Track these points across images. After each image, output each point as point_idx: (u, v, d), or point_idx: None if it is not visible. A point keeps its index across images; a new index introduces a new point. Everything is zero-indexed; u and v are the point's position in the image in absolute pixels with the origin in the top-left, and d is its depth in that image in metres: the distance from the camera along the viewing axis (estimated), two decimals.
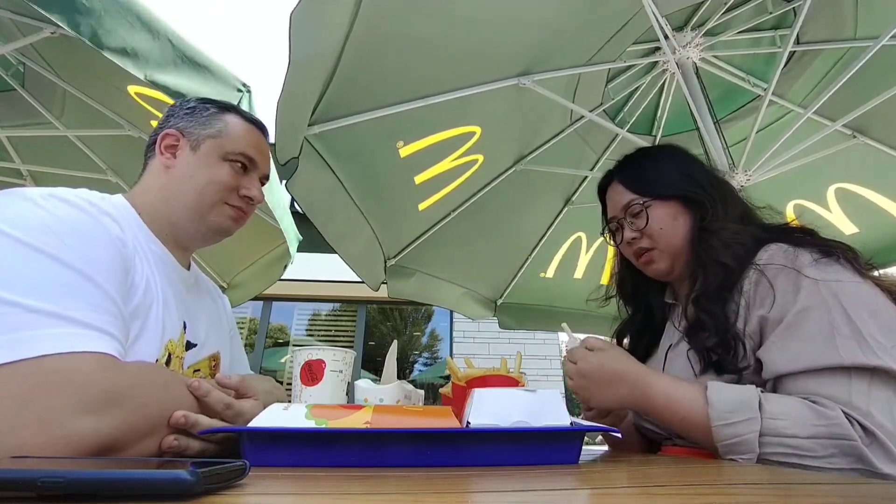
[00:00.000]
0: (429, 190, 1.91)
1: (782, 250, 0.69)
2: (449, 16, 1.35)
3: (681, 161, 0.86)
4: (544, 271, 2.56)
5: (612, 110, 2.22)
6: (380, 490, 0.33)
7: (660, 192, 0.81)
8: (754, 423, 0.58)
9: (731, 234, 0.75)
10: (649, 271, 0.85)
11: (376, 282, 2.08)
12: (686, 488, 0.37)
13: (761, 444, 0.57)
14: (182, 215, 0.72)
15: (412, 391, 0.73)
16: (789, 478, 0.42)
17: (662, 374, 0.74)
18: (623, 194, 0.85)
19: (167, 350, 0.65)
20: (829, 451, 0.55)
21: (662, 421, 0.68)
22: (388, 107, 1.54)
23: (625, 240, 0.85)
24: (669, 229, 0.80)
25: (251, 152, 0.77)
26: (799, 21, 1.57)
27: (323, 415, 0.48)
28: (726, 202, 0.80)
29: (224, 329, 0.87)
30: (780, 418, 0.58)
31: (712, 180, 0.83)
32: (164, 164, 0.75)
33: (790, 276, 0.65)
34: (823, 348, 0.59)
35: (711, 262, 0.74)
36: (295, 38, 1.04)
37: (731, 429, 0.59)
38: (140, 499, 0.25)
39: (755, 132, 1.71)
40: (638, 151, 0.92)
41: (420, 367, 6.05)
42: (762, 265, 0.69)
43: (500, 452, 0.47)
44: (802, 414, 0.58)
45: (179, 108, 0.79)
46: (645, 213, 0.81)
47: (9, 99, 1.99)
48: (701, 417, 0.62)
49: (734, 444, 0.59)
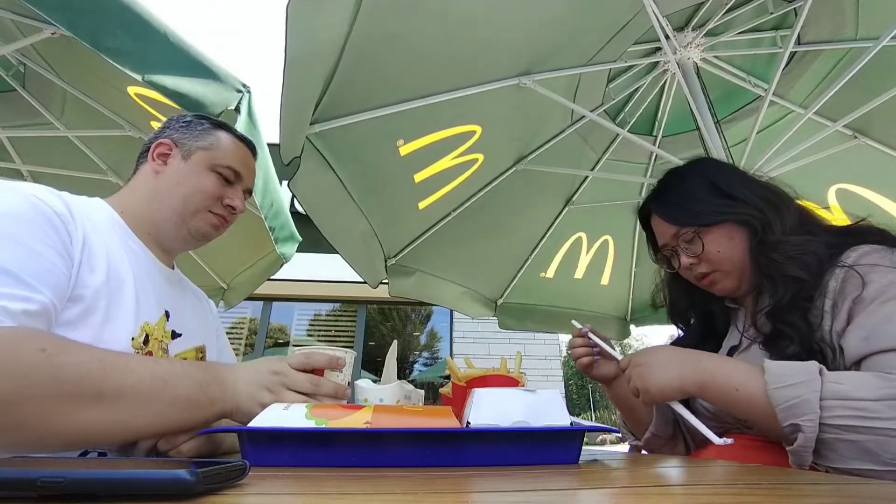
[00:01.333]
0: (429, 188, 1.91)
1: (876, 250, 0.67)
2: (450, 15, 1.35)
3: (718, 179, 0.82)
4: (545, 271, 2.56)
5: (613, 110, 2.22)
6: (380, 490, 0.33)
7: (707, 222, 0.79)
8: (814, 383, 0.56)
9: (793, 248, 0.72)
10: (715, 290, 0.83)
11: (376, 280, 2.08)
12: (686, 488, 0.37)
13: (823, 408, 0.54)
14: (166, 218, 0.77)
15: (412, 391, 0.73)
16: (789, 478, 0.42)
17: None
18: (670, 227, 0.83)
19: (143, 331, 0.68)
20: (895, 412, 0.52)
21: (718, 396, 0.65)
22: (388, 106, 1.54)
23: (682, 266, 0.83)
24: (727, 251, 0.78)
25: (238, 166, 0.83)
26: (800, 21, 1.57)
27: (323, 415, 0.48)
28: (779, 211, 0.76)
29: (210, 328, 0.90)
30: (842, 382, 0.56)
31: (756, 191, 0.80)
32: (155, 169, 0.79)
33: (883, 272, 0.63)
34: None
35: (780, 276, 0.72)
36: (292, 33, 1.04)
37: (790, 391, 0.56)
38: (140, 499, 0.25)
39: (756, 132, 1.70)
40: (671, 177, 0.89)
41: (420, 367, 6.05)
42: (851, 263, 0.66)
43: (500, 452, 0.47)
44: (867, 380, 0.55)
45: (176, 120, 0.85)
46: (699, 239, 0.79)
47: (9, 99, 2.00)
48: (757, 386, 0.60)
49: (792, 405, 0.55)
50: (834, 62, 1.84)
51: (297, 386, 0.58)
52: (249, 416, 0.52)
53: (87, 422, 0.47)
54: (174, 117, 0.86)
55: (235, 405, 0.57)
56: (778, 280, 0.72)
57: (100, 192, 0.77)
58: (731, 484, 0.38)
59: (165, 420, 0.52)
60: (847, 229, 0.77)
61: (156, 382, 0.51)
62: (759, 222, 0.75)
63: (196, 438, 0.57)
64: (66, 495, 0.24)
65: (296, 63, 1.11)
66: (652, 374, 0.70)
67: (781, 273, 0.72)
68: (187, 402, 0.53)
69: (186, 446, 0.56)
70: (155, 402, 0.51)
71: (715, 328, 0.89)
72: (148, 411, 0.50)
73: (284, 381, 0.58)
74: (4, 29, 1.67)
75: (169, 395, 0.52)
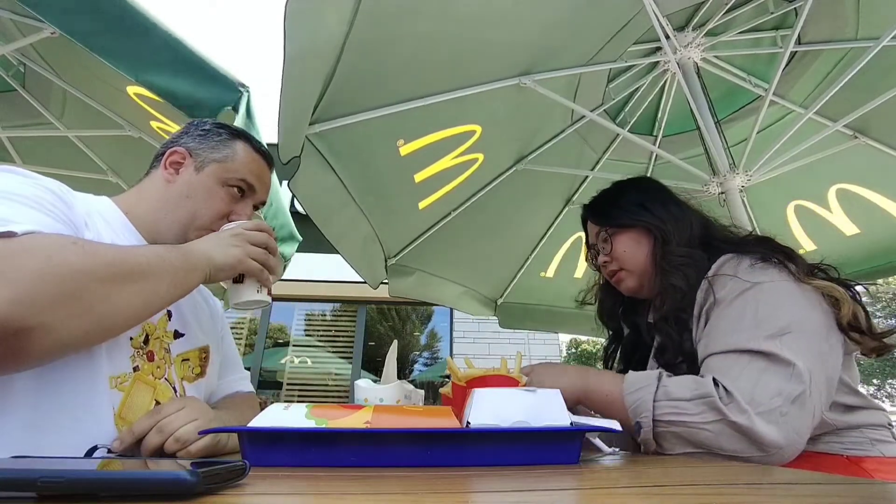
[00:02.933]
0: (429, 188, 1.91)
1: (728, 259, 0.79)
2: (450, 15, 1.35)
3: (643, 193, 0.97)
4: (545, 271, 2.56)
5: (613, 110, 2.22)
6: (380, 490, 0.33)
7: (620, 223, 0.94)
8: (651, 388, 0.69)
9: (678, 258, 0.84)
10: (621, 288, 0.96)
11: (377, 280, 2.08)
12: (686, 488, 0.37)
13: (655, 407, 0.67)
14: (170, 229, 0.76)
15: (412, 391, 0.73)
16: (789, 478, 0.42)
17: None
18: (593, 227, 0.99)
19: (145, 330, 0.68)
20: (700, 408, 0.65)
21: (596, 401, 0.76)
22: (388, 106, 1.54)
23: (599, 262, 0.98)
24: (632, 252, 0.92)
25: (251, 179, 0.81)
26: (800, 21, 1.57)
27: (323, 415, 0.48)
28: (680, 226, 0.89)
29: (216, 328, 0.90)
30: (670, 386, 0.69)
31: (669, 209, 0.92)
32: (166, 178, 0.78)
33: (727, 281, 0.75)
34: (729, 334, 0.70)
35: (666, 285, 0.83)
36: (290, 32, 1.03)
37: (636, 394, 0.70)
38: (140, 499, 0.25)
39: (756, 132, 1.70)
40: (610, 187, 1.03)
41: (420, 367, 6.05)
42: (711, 276, 0.78)
43: (500, 452, 0.47)
44: (686, 382, 0.69)
45: (195, 127, 0.83)
46: (610, 240, 0.95)
47: (9, 99, 2.00)
48: (618, 393, 0.73)
49: (636, 406, 0.69)
50: (834, 62, 1.84)
51: (255, 238, 0.72)
52: (225, 268, 0.68)
53: (130, 298, 0.54)
54: (193, 122, 0.85)
55: (212, 263, 0.66)
56: (666, 289, 0.83)
57: (100, 191, 0.77)
58: (731, 484, 0.38)
59: (177, 287, 0.61)
60: (739, 240, 0.89)
61: (155, 259, 0.59)
62: (661, 233, 0.88)
63: (203, 438, 0.57)
64: (66, 495, 0.24)
65: (294, 62, 1.10)
66: (548, 379, 0.78)
67: (668, 282, 0.83)
68: (182, 269, 0.62)
69: (195, 446, 0.57)
70: (164, 273, 0.59)
71: (642, 340, 0.98)
72: (163, 281, 0.59)
73: (245, 235, 0.71)
74: (4, 29, 1.67)
75: (170, 266, 0.60)
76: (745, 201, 1.78)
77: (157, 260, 0.59)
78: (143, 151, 1.99)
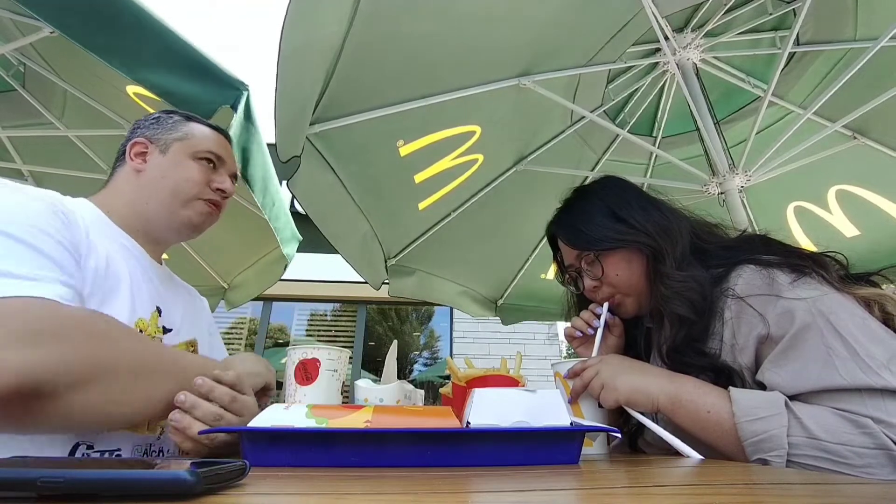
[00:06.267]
0: (429, 189, 1.91)
1: (758, 274, 0.68)
2: (449, 15, 1.35)
3: (615, 204, 0.83)
4: (545, 272, 2.56)
5: (613, 111, 2.22)
6: (380, 490, 0.33)
7: (604, 247, 0.81)
8: (781, 417, 0.56)
9: (679, 284, 0.73)
10: (620, 313, 0.85)
11: (378, 281, 2.08)
12: (686, 488, 0.37)
13: (791, 445, 0.54)
14: (156, 212, 0.77)
15: (412, 391, 0.73)
16: (789, 478, 0.42)
17: None
18: (571, 250, 0.86)
19: (137, 327, 0.69)
20: (866, 460, 0.53)
21: (687, 415, 0.64)
22: (388, 106, 1.54)
23: (587, 288, 0.85)
24: (626, 275, 0.81)
25: (218, 150, 0.83)
26: (799, 22, 1.57)
27: (323, 414, 0.48)
28: (671, 238, 0.78)
29: (202, 324, 0.90)
30: (805, 419, 0.55)
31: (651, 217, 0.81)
32: (136, 168, 0.79)
33: (775, 302, 0.64)
34: (822, 370, 0.57)
35: (669, 314, 0.73)
36: (287, 30, 1.02)
37: (758, 424, 0.56)
38: (140, 499, 0.25)
39: (755, 133, 1.71)
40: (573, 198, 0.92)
41: (420, 367, 6.05)
42: (742, 294, 0.67)
43: (500, 452, 0.47)
44: (831, 420, 0.55)
45: (145, 119, 0.85)
46: (598, 262, 0.82)
47: (9, 99, 1.99)
48: (728, 412, 0.59)
49: (761, 440, 0.56)
50: (833, 62, 1.84)
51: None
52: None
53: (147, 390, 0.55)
54: (142, 118, 0.86)
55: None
56: (669, 317, 0.73)
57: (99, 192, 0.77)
58: (731, 484, 0.38)
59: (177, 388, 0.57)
60: (733, 243, 0.80)
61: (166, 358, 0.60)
62: (651, 251, 0.77)
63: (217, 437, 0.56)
64: (66, 495, 0.24)
65: (290, 59, 1.09)
66: (623, 374, 0.69)
67: (671, 310, 0.73)
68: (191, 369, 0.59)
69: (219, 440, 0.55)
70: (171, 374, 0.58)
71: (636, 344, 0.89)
72: (168, 382, 0.57)
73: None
74: (4, 28, 1.67)
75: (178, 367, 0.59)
76: (745, 202, 1.78)
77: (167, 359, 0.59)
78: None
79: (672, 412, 0.65)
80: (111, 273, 0.65)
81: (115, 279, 0.66)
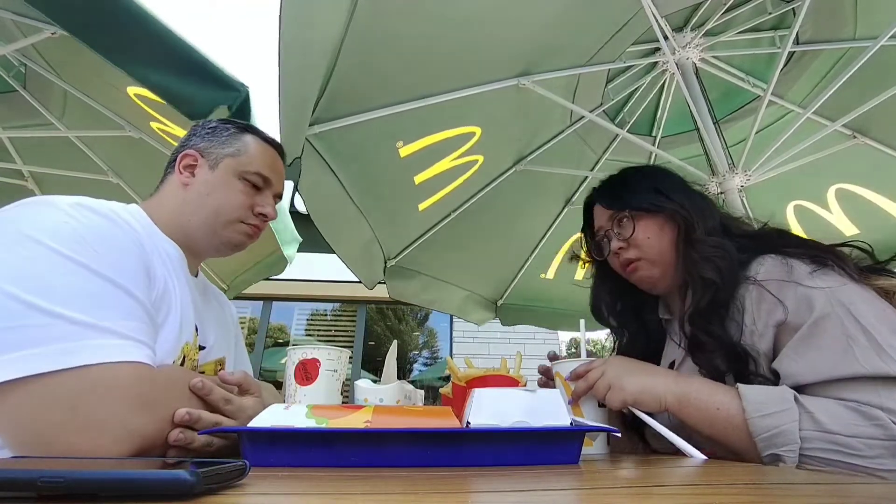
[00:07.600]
0: (429, 190, 1.91)
1: (775, 263, 0.69)
2: (448, 15, 1.35)
3: (658, 181, 0.88)
4: (545, 272, 2.56)
5: (612, 111, 2.22)
6: (380, 490, 0.33)
7: (641, 207, 0.83)
8: (792, 412, 0.56)
9: (710, 248, 0.75)
10: (635, 278, 0.85)
11: (373, 281, 2.08)
12: (686, 488, 0.37)
13: (803, 439, 0.55)
14: (197, 230, 0.76)
15: (412, 391, 0.73)
16: (791, 478, 0.42)
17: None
18: (606, 210, 0.88)
19: (183, 352, 0.67)
20: (877, 451, 0.53)
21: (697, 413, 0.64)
22: (387, 107, 1.54)
23: (612, 250, 0.85)
24: (656, 239, 0.82)
25: (266, 171, 0.81)
26: (798, 21, 1.57)
27: (323, 414, 0.48)
28: (704, 215, 0.81)
29: (230, 335, 0.89)
30: (817, 413, 0.55)
31: (689, 196, 0.85)
32: (183, 181, 0.77)
33: (794, 289, 0.65)
34: (842, 358, 0.58)
35: (697, 278, 0.74)
36: (286, 29, 1.02)
37: (770, 420, 0.56)
38: (140, 499, 0.25)
39: (755, 132, 1.70)
40: (619, 173, 0.94)
41: (420, 368, 6.05)
42: (762, 280, 0.68)
43: (500, 452, 0.47)
44: (841, 412, 0.55)
45: (201, 127, 0.83)
46: (632, 222, 0.83)
47: (10, 100, 1.99)
48: (737, 409, 0.60)
49: (773, 435, 0.56)
50: (833, 62, 1.84)
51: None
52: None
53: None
54: (199, 123, 0.84)
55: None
56: (696, 281, 0.74)
57: (100, 192, 0.77)
58: (731, 484, 0.38)
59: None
60: (755, 233, 0.83)
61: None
62: (685, 221, 0.80)
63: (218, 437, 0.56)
64: (66, 495, 0.24)
65: (289, 61, 1.09)
66: (630, 374, 0.69)
67: (699, 274, 0.74)
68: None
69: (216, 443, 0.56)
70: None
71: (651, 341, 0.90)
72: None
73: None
74: (5, 29, 1.67)
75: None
76: (745, 201, 1.77)
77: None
78: (144, 152, 1.99)
79: (680, 411, 0.65)
80: (166, 296, 0.65)
81: (168, 303, 0.65)
